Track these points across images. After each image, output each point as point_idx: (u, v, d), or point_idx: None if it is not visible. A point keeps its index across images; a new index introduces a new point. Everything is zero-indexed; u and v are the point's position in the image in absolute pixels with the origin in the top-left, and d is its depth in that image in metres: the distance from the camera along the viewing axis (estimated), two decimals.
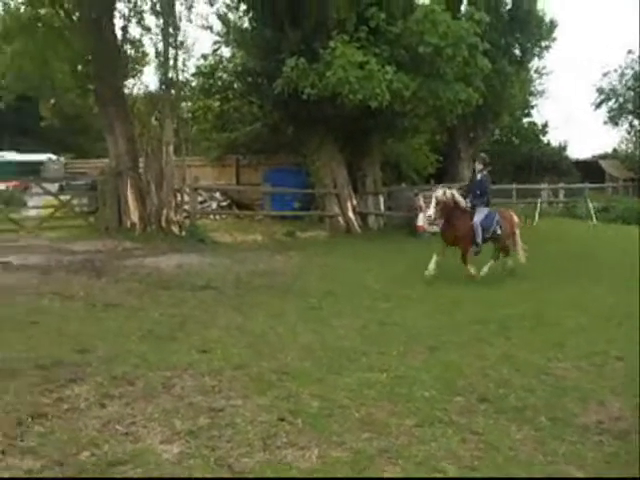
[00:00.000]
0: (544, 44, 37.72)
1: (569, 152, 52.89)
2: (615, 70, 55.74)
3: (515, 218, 17.55)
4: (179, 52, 24.53)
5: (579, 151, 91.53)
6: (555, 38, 38.52)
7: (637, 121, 56.60)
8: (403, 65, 24.21)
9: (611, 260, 19.79)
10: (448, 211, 16.07)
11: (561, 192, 41.47)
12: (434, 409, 7.26)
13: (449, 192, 16.18)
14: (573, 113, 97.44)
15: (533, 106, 51.32)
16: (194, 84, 31.68)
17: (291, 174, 29.68)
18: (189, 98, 31.24)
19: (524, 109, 48.90)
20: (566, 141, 56.30)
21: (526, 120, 50.91)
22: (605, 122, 57.01)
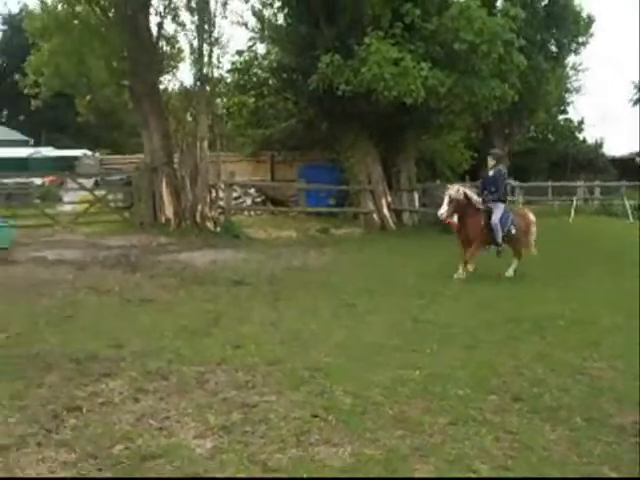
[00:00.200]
0: (581, 40, 37.42)
1: (605, 149, 52.66)
2: None
3: (531, 216, 17.19)
4: (214, 48, 24.63)
5: (616, 148, 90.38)
6: (592, 34, 38.22)
7: None
8: (438, 62, 24.12)
9: None
10: (461, 209, 15.83)
11: (597, 190, 41.07)
12: (468, 407, 7.21)
13: (462, 189, 16.00)
14: (610, 110, 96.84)
15: (569, 103, 50.93)
16: (229, 80, 31.73)
17: (326, 170, 29.66)
18: (224, 94, 31.31)
19: (560, 106, 48.55)
20: (602, 138, 55.95)
21: (562, 117, 50.61)
22: None
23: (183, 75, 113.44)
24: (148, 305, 12.29)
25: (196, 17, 24.29)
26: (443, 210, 15.74)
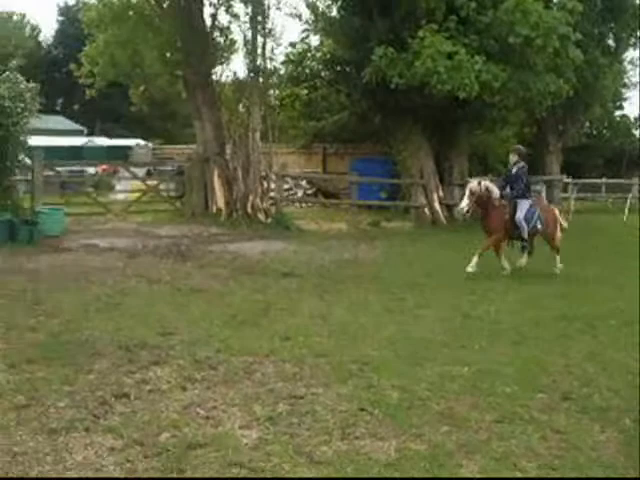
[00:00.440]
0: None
1: None
2: None
3: (557, 212, 16.83)
4: (267, 40, 24.67)
5: None
6: None
7: None
8: (492, 56, 23.85)
9: None
10: (483, 203, 15.50)
11: None
12: (515, 405, 7.13)
13: (483, 183, 15.62)
14: None
15: (626, 98, 50.15)
16: (282, 72, 31.77)
17: (377, 163, 29.55)
18: (277, 86, 31.30)
19: (616, 101, 47.80)
20: None
21: (618, 113, 49.85)
22: None
23: (236, 66, 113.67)
24: (198, 294, 12.37)
25: (250, 8, 24.34)
26: (464, 204, 15.47)
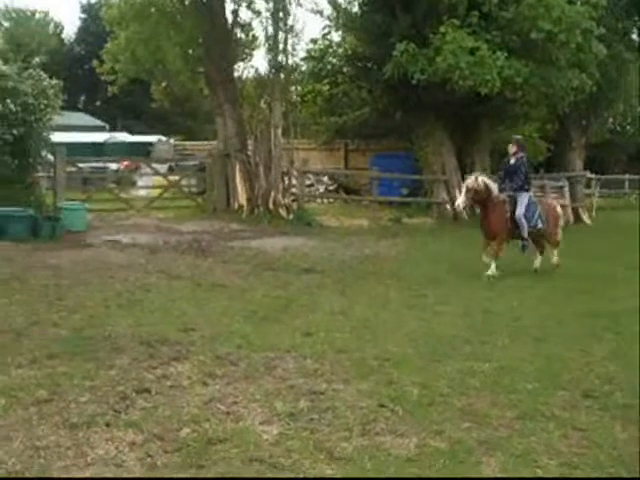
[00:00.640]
0: None
1: None
2: None
3: (559, 209, 16.45)
4: (289, 36, 24.67)
5: None
6: None
7: None
8: (515, 51, 23.74)
9: None
10: (481, 200, 15.10)
11: None
12: (536, 402, 7.09)
13: (480, 179, 15.17)
14: None
15: None
16: (304, 68, 31.73)
17: (399, 159, 29.48)
18: (298, 82, 31.28)
19: None
20: None
21: None
22: None
23: (258, 63, 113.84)
24: (219, 290, 12.39)
25: (271, 4, 24.38)
26: (460, 201, 15.16)
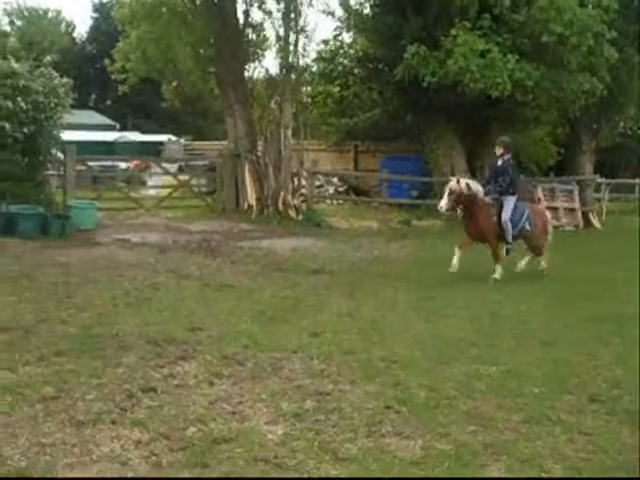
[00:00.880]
0: None
1: None
2: None
3: (548, 214, 16.29)
4: (300, 37, 24.70)
5: None
6: None
7: None
8: (526, 54, 23.71)
9: None
10: (466, 202, 14.87)
11: None
12: (543, 406, 7.07)
13: (463, 181, 15.01)
14: None
15: None
16: (314, 69, 31.73)
17: (409, 162, 29.47)
18: (309, 83, 31.32)
19: None
20: None
21: None
22: None
23: (269, 63, 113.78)
24: (227, 290, 12.39)
25: (282, 5, 24.40)
26: (443, 203, 14.77)
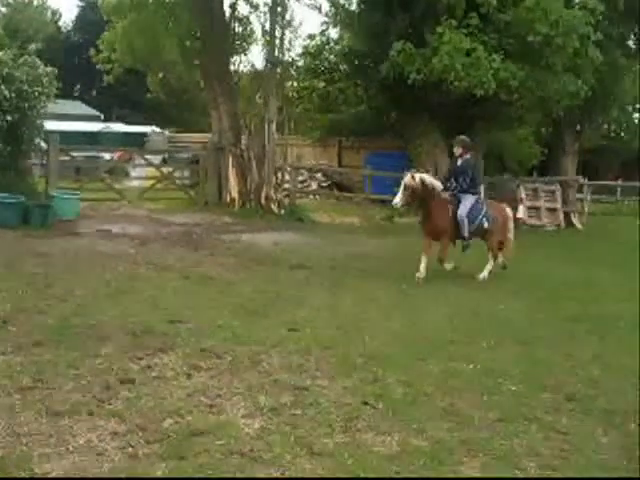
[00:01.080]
0: None
1: None
2: None
3: (508, 211, 15.83)
4: (286, 31, 24.71)
5: None
6: None
7: None
8: (511, 54, 23.73)
9: None
10: (421, 199, 14.57)
11: None
12: (519, 404, 7.13)
13: (418, 176, 14.55)
14: None
15: None
16: (300, 64, 31.66)
17: (393, 158, 29.37)
18: (294, 78, 31.30)
19: (635, 104, 47.43)
20: None
21: (637, 115, 49.46)
22: None
23: (254, 57, 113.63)
24: (207, 283, 12.39)
25: None
26: (397, 199, 14.47)
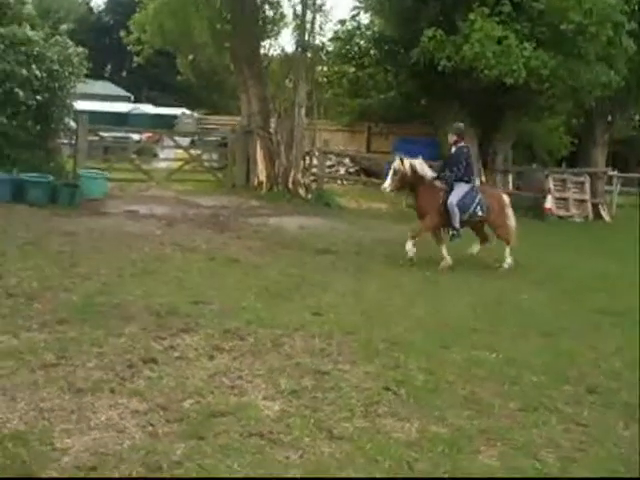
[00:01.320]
0: None
1: None
2: None
3: (505, 198, 15.57)
4: (317, 15, 24.58)
5: None
6: None
7: None
8: (543, 42, 23.50)
9: None
10: (411, 184, 14.47)
11: None
12: (540, 395, 7.09)
13: (407, 162, 14.37)
14: None
15: None
16: (330, 49, 31.55)
17: (422, 145, 29.09)
18: (324, 62, 31.19)
19: None
20: None
21: None
22: None
23: (284, 41, 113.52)
24: (233, 265, 12.42)
25: None
26: (386, 184, 14.46)
